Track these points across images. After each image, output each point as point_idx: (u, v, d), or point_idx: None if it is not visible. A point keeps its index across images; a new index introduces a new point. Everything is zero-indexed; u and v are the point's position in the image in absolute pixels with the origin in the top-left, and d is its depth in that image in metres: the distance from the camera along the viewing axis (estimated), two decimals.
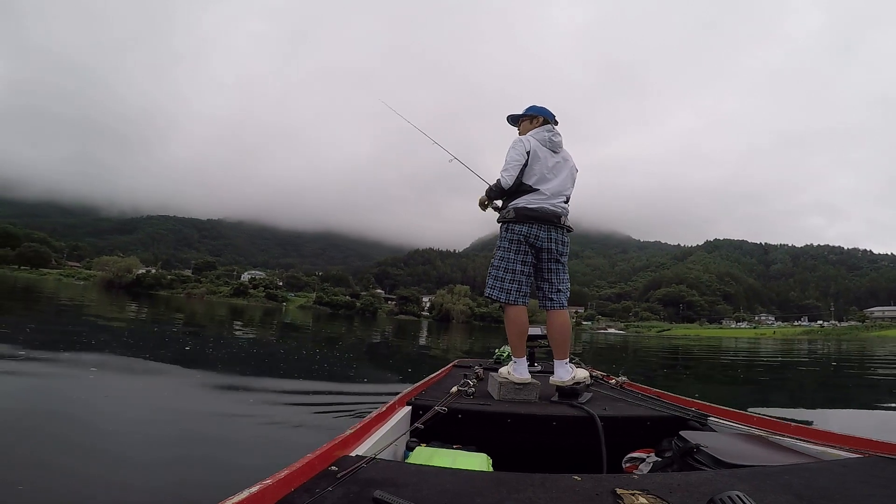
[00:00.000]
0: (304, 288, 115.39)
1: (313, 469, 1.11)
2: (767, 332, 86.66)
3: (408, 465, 1.36)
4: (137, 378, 4.93)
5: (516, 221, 2.57)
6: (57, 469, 2.29)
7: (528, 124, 2.81)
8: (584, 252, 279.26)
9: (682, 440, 1.69)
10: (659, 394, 2.70)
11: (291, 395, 4.70)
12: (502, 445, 1.97)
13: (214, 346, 8.99)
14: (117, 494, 2.10)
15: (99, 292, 40.61)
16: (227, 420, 3.52)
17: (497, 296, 2.56)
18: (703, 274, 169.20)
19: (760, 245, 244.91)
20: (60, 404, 3.42)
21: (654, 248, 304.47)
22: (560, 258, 2.65)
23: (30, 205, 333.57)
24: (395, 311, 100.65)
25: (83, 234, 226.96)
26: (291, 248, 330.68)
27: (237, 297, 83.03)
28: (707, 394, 6.39)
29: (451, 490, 1.07)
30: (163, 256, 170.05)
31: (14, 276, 62.82)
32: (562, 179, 2.66)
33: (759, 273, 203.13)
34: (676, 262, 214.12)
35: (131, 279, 77.98)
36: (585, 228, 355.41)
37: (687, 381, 8.72)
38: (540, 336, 3.32)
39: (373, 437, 1.54)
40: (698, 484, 1.16)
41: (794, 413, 5.18)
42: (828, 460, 1.50)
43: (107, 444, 2.73)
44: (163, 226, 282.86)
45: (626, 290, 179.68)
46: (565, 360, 2.53)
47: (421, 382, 2.71)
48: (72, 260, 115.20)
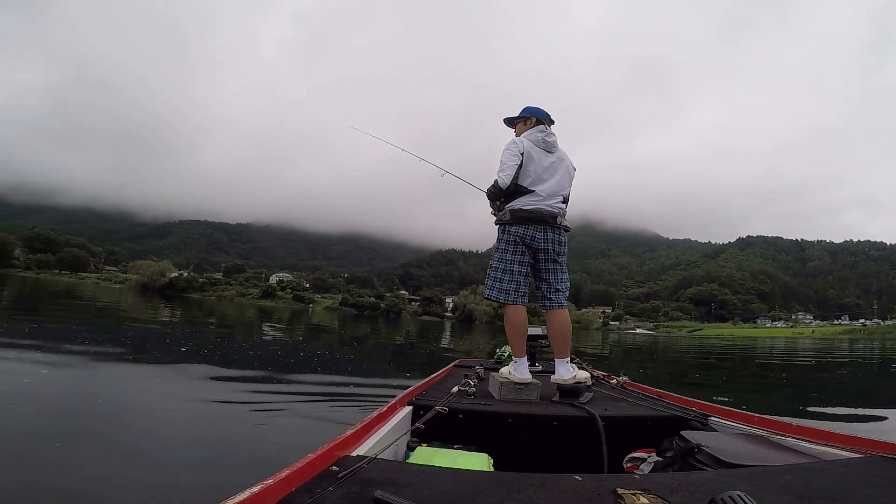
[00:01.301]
0: (331, 289, 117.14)
1: (314, 469, 1.11)
2: (806, 331, 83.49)
3: (409, 465, 1.36)
4: (160, 376, 5.12)
5: (512, 223, 2.58)
6: (58, 464, 2.37)
7: (522, 126, 2.82)
8: (611, 251, 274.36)
9: (683, 440, 1.68)
10: (660, 394, 2.68)
11: (302, 393, 4.81)
12: (503, 445, 1.97)
13: (239, 346, 9.24)
14: (117, 493, 2.15)
15: (134, 295, 42.22)
16: (227, 420, 3.60)
17: (496, 296, 2.58)
18: (735, 272, 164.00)
19: (796, 242, 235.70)
20: (83, 401, 3.59)
21: (683, 245, 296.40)
22: (557, 258, 2.65)
23: (70, 211, 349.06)
24: (418, 312, 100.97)
25: (120, 239, 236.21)
26: (318, 251, 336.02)
27: (266, 299, 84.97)
28: (751, 401, 6.09)
29: (452, 490, 1.07)
30: (194, 260, 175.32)
31: (55, 280, 65.92)
32: (557, 179, 2.66)
33: (795, 270, 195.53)
34: (707, 259, 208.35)
35: (165, 282, 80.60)
36: (612, 227, 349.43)
37: (732, 385, 8.33)
38: (540, 336, 3.32)
39: (374, 437, 1.55)
40: (699, 484, 1.16)
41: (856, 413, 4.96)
42: (829, 460, 1.49)
43: (110, 440, 2.83)
44: (194, 230, 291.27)
45: (655, 289, 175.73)
46: (566, 359, 2.54)
47: (422, 382, 2.73)
48: (109, 264, 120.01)
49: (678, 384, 7.83)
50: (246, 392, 4.75)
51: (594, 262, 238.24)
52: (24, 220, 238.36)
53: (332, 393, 5.03)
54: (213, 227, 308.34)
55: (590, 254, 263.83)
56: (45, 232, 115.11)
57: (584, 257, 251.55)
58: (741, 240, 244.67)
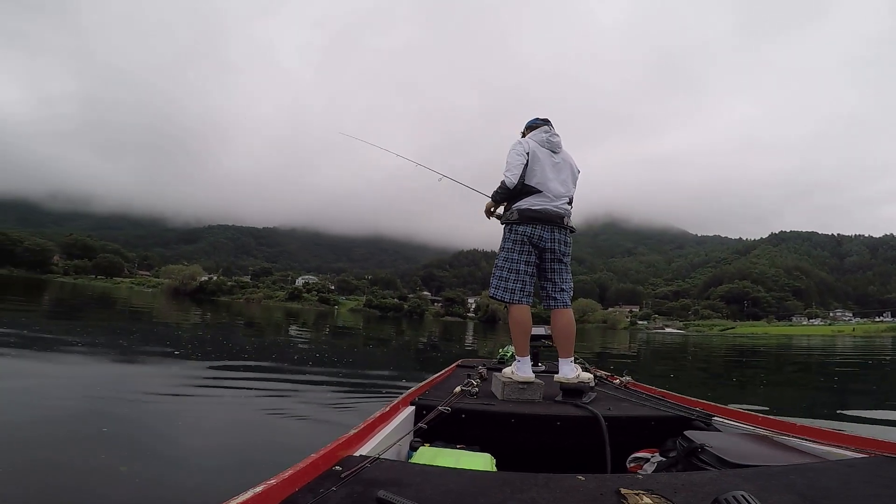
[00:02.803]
0: (355, 291, 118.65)
1: (317, 469, 1.12)
2: (845, 328, 79.90)
3: (411, 465, 1.36)
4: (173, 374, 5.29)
5: (520, 222, 2.59)
6: (58, 462, 2.42)
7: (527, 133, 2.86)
8: (638, 249, 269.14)
9: (687, 440, 1.68)
10: (663, 394, 2.66)
11: (308, 392, 4.92)
12: (506, 445, 1.98)
13: (259, 346, 9.45)
14: (116, 493, 2.18)
15: (166, 299, 43.63)
16: (229, 420, 3.66)
17: (501, 296, 2.59)
18: (768, 268, 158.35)
19: (832, 236, 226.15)
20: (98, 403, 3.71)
21: (712, 242, 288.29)
22: (563, 258, 2.66)
23: (104, 218, 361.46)
24: (441, 313, 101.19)
25: (152, 245, 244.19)
26: (342, 253, 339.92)
27: (292, 301, 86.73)
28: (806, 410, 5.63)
29: (454, 490, 1.07)
30: (223, 264, 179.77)
31: (91, 284, 68.68)
32: (563, 180, 2.68)
33: (831, 266, 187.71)
34: (739, 256, 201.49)
35: (195, 286, 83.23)
36: (637, 224, 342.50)
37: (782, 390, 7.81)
38: (543, 336, 3.32)
39: (376, 437, 1.56)
40: (703, 484, 1.16)
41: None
42: (833, 460, 1.48)
43: (110, 439, 2.88)
44: (223, 235, 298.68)
45: (684, 287, 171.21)
46: (570, 359, 2.55)
47: (425, 382, 2.74)
48: (142, 269, 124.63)
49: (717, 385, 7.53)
50: (248, 392, 4.80)
51: (620, 261, 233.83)
52: (62, 227, 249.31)
53: (338, 392, 5.08)
54: (241, 232, 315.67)
55: (615, 252, 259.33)
56: (82, 239, 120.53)
57: (610, 256, 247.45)
58: (773, 235, 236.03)
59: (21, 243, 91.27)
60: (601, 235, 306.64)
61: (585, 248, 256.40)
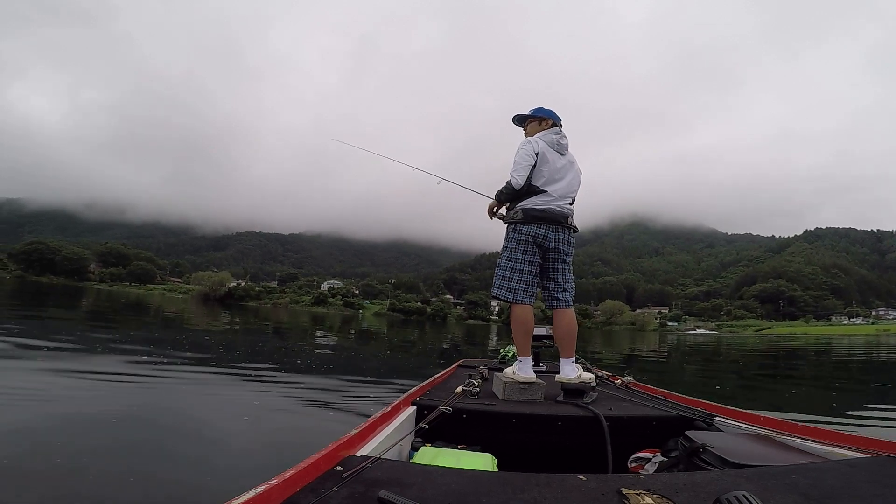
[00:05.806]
0: (379, 295, 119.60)
1: (318, 469, 1.12)
2: (891, 327, 76.25)
3: (413, 465, 1.36)
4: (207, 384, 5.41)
5: (524, 222, 2.60)
6: (59, 462, 2.44)
7: (535, 126, 2.83)
8: (665, 248, 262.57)
9: (688, 440, 1.67)
10: (665, 394, 2.63)
11: (311, 390, 4.95)
12: (507, 445, 1.98)
13: (283, 351, 9.65)
14: (117, 492, 2.21)
15: (197, 305, 44.88)
16: (230, 420, 3.68)
17: (504, 295, 2.60)
18: (805, 266, 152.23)
19: (872, 232, 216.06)
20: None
21: (744, 240, 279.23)
22: (566, 258, 2.66)
23: (138, 226, 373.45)
24: (464, 316, 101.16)
25: (183, 252, 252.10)
26: (365, 258, 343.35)
27: (318, 306, 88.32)
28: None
29: (456, 490, 1.07)
30: (251, 270, 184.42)
31: (126, 291, 71.32)
32: (569, 181, 2.68)
33: (872, 263, 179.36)
34: (772, 254, 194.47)
35: (224, 292, 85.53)
36: (665, 223, 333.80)
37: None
38: (545, 336, 3.31)
39: (378, 437, 1.56)
40: (704, 484, 1.16)
41: None
42: (835, 460, 1.46)
43: (116, 438, 2.93)
44: (250, 241, 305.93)
45: (716, 287, 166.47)
46: (572, 359, 2.55)
47: (426, 382, 2.76)
48: (174, 276, 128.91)
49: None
50: (252, 392, 4.86)
51: (648, 261, 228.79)
52: (98, 236, 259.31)
53: (339, 392, 5.11)
54: (268, 238, 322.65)
55: (642, 252, 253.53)
56: (117, 247, 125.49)
57: (637, 256, 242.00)
58: (808, 232, 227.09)
59: (60, 252, 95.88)
60: (627, 236, 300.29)
61: (611, 248, 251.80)
